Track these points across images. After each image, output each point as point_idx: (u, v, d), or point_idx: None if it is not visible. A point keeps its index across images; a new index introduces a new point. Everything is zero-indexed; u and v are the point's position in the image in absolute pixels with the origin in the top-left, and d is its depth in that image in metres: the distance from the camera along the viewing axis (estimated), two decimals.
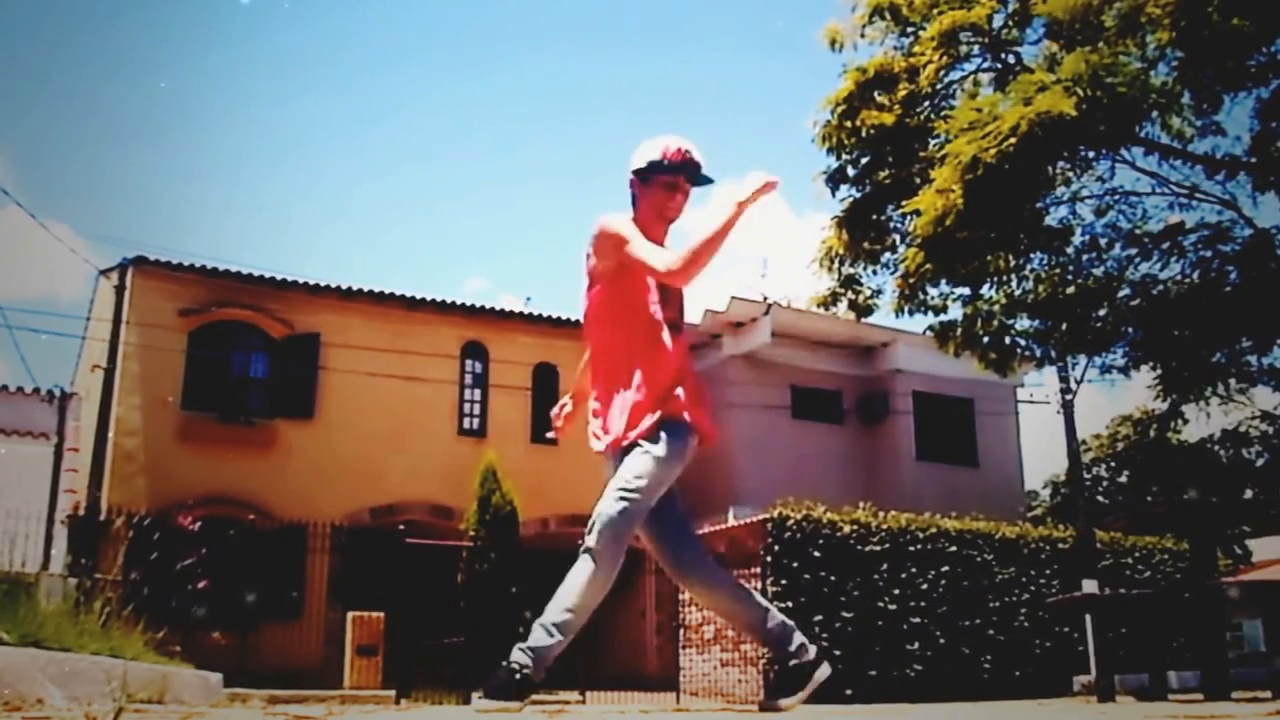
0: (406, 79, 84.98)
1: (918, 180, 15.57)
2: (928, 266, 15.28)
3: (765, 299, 30.66)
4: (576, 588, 5.02)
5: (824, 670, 5.19)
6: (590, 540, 4.99)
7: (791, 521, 20.90)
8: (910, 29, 16.42)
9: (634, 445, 5.11)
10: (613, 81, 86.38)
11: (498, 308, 29.20)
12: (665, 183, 5.24)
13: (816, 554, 20.85)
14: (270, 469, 25.10)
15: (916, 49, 16.07)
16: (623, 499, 4.96)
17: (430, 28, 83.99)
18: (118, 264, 25.30)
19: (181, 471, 23.67)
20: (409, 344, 26.63)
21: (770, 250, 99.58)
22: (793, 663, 5.19)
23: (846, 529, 21.27)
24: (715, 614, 5.50)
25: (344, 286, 26.99)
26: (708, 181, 5.33)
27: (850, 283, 17.63)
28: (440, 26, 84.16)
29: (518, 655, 4.85)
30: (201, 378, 25.32)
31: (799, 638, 5.25)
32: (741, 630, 5.59)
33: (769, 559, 20.79)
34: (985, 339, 17.18)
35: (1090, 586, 20.41)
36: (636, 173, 5.35)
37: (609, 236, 5.21)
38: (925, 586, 21.60)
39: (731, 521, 24.52)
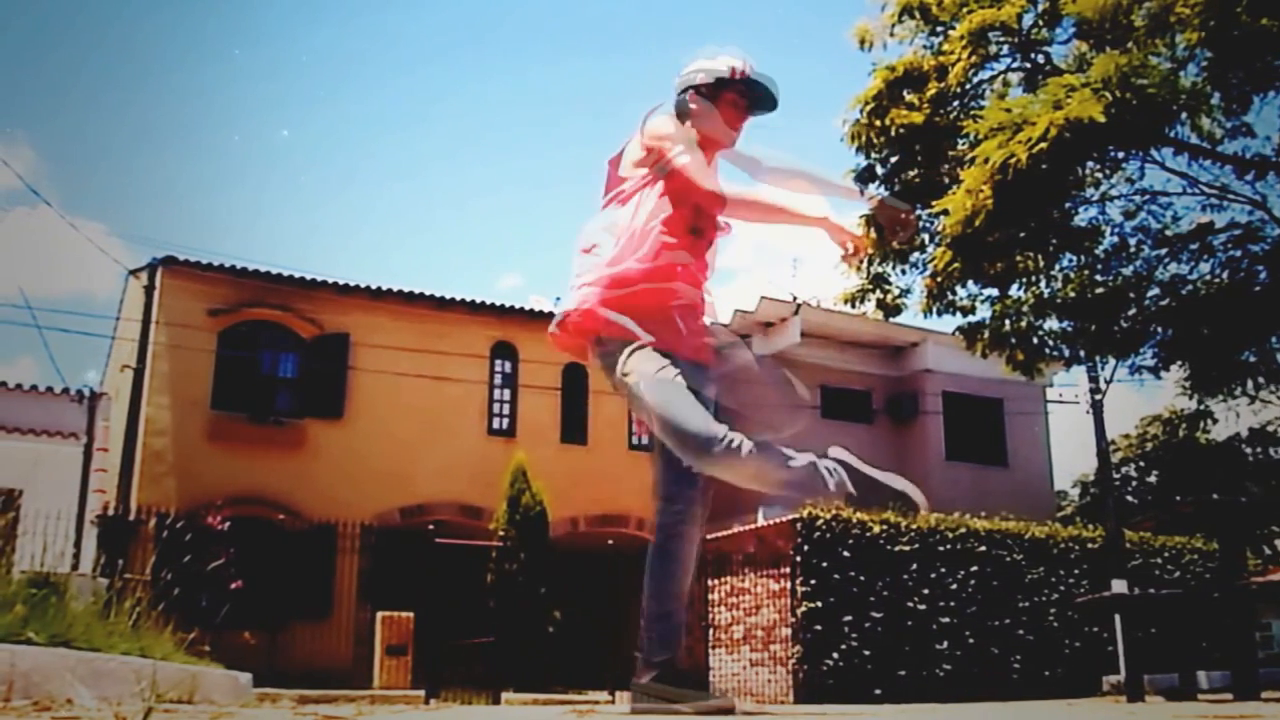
0: (438, 77, 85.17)
1: (947, 180, 15.57)
2: (956, 266, 15.28)
3: (795, 299, 30.64)
4: None
5: None
6: None
7: (821, 521, 20.86)
8: (940, 28, 16.41)
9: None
10: (644, 78, 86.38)
11: (527, 307, 29.21)
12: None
13: (846, 554, 20.81)
14: (299, 469, 25.14)
15: (946, 48, 16.07)
16: None
17: (462, 26, 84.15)
18: (147, 264, 25.38)
19: (211, 471, 23.74)
20: (438, 344, 26.66)
21: (802, 249, 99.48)
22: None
23: (876, 529, 21.23)
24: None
25: (373, 286, 27.02)
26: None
27: (879, 282, 17.63)
28: (472, 25, 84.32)
29: None
30: (231, 378, 25.37)
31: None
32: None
33: (798, 559, 20.75)
34: (1013, 340, 17.18)
35: (1119, 586, 20.35)
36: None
37: None
38: (955, 586, 21.56)
39: (761, 521, 24.45)
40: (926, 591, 21.23)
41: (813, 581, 20.54)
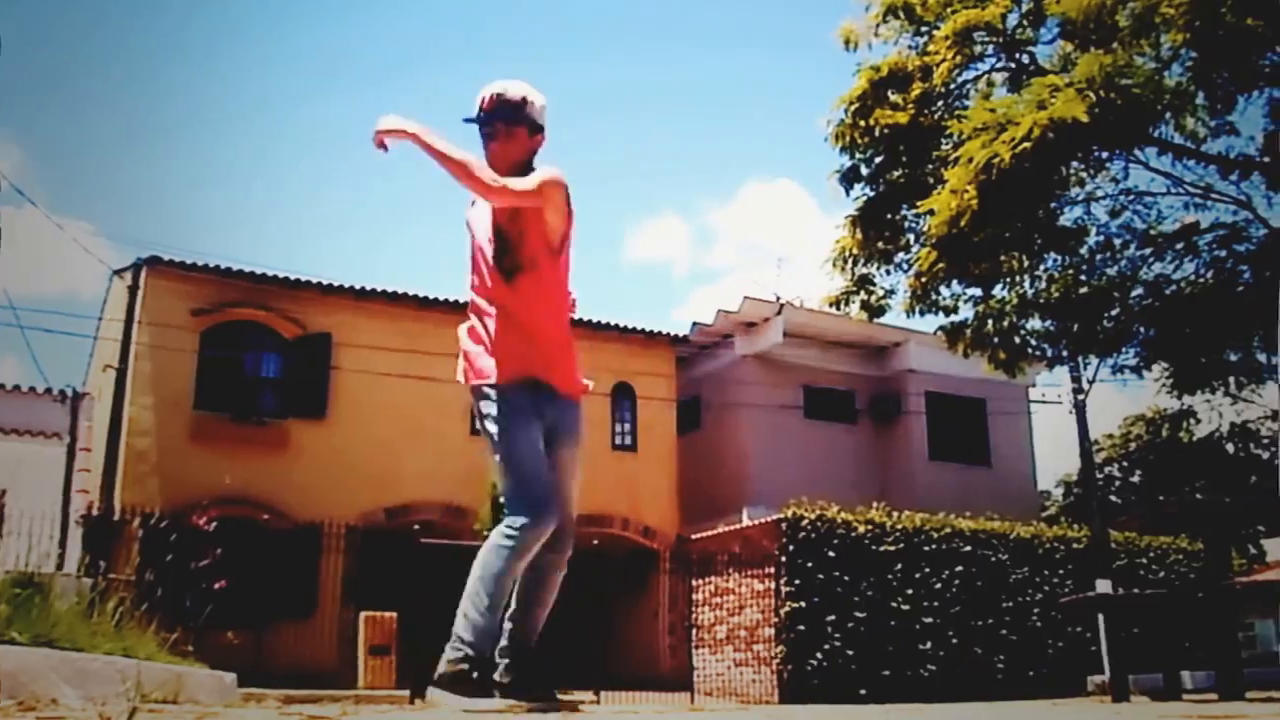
0: (423, 78, 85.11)
1: (931, 180, 15.57)
2: (940, 266, 15.28)
3: (778, 299, 30.63)
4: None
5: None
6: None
7: (806, 521, 20.90)
8: (924, 28, 16.40)
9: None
10: (630, 81, 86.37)
11: None
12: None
13: (831, 554, 20.84)
14: (283, 469, 25.04)
15: (930, 48, 16.06)
16: None
17: (448, 26, 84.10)
18: (131, 264, 25.30)
19: (194, 471, 23.62)
20: (421, 344, 26.49)
21: (789, 248, 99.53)
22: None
23: (861, 529, 21.27)
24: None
25: (356, 286, 26.92)
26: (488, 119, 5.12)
27: (864, 283, 17.61)
28: (459, 25, 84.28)
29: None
30: (214, 377, 25.26)
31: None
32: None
33: (783, 559, 20.78)
34: (995, 339, 17.20)
35: (1104, 586, 20.38)
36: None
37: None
38: (939, 586, 21.59)
39: (746, 522, 24.50)
40: (911, 591, 21.27)
41: (797, 581, 20.57)
